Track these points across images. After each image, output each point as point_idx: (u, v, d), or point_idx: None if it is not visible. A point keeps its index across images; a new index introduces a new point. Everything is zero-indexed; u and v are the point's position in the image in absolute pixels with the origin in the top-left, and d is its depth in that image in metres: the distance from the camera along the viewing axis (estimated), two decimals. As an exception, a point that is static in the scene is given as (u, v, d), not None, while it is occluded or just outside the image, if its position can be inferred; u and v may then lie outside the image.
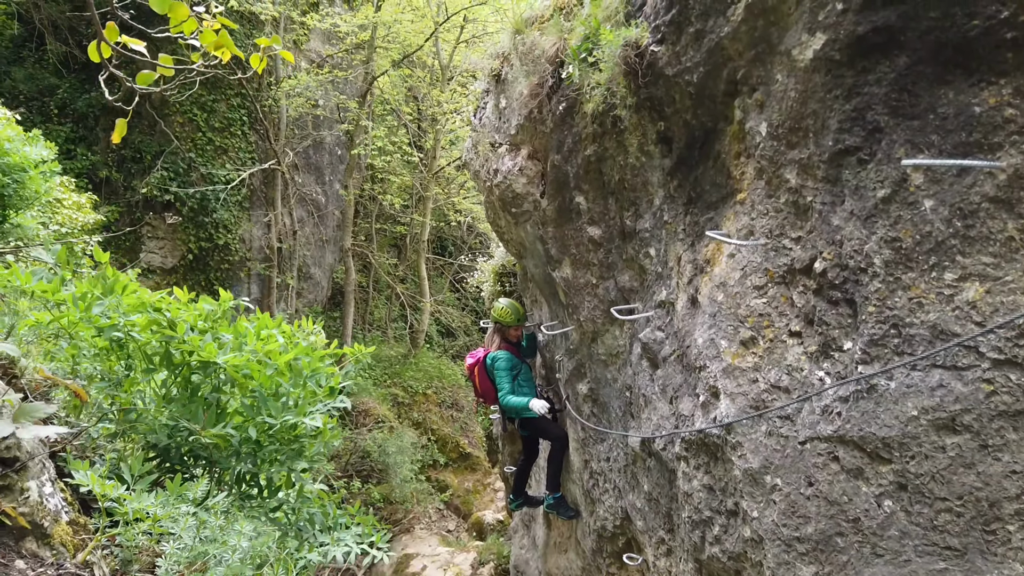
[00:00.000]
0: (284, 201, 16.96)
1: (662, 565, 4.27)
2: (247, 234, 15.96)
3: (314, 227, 18.94)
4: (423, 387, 19.42)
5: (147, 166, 14.12)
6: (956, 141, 2.18)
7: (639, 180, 4.05)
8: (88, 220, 7.55)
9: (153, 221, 14.27)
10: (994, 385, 2.15)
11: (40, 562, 2.19)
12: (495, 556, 12.77)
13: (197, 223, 14.60)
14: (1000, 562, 2.20)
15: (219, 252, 15.10)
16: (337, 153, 19.81)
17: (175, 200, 14.24)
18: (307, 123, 17.76)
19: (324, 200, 19.32)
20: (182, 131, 14.61)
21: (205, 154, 14.91)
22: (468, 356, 6.89)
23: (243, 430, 2.82)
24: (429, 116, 18.60)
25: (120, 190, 13.99)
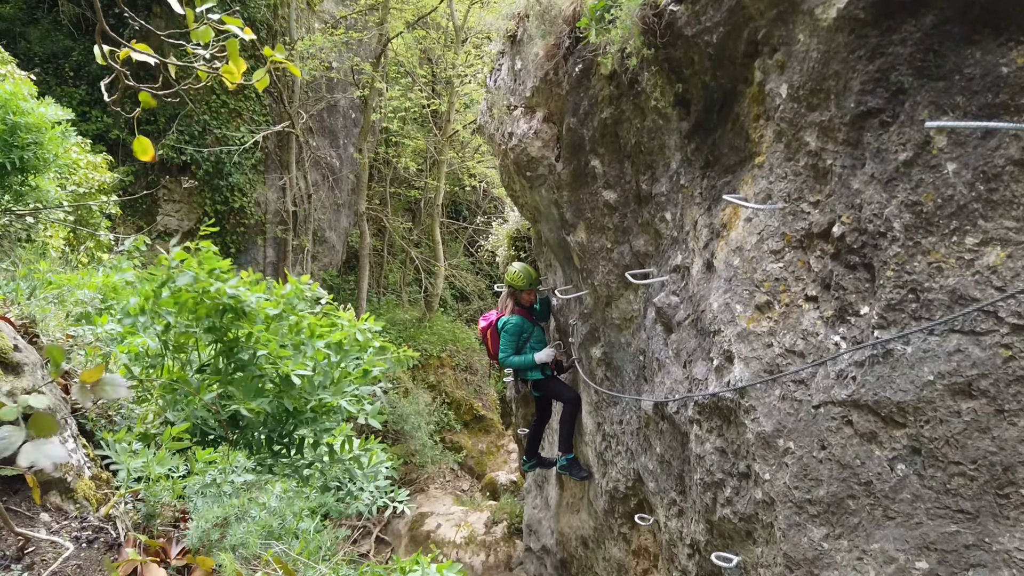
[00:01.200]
0: (299, 164, 16.94)
1: (673, 526, 4.33)
2: (262, 198, 15.99)
3: (328, 191, 18.94)
4: (437, 350, 19.57)
5: (161, 128, 14.11)
6: (982, 103, 2.14)
7: (656, 143, 4.01)
8: (104, 180, 7.58)
9: (169, 184, 14.32)
10: (1012, 350, 2.14)
11: (64, 515, 2.25)
12: (508, 515, 12.97)
13: (213, 186, 14.64)
14: (1012, 525, 2.21)
15: (235, 215, 15.15)
16: (351, 116, 19.70)
17: (190, 163, 14.26)
18: (321, 86, 17.64)
19: (338, 164, 19.28)
20: (196, 93, 14.54)
21: (219, 116, 14.87)
22: (481, 319, 6.95)
23: (278, 403, 2.88)
24: (443, 79, 18.42)
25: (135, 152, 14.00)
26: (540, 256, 7.47)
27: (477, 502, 14.96)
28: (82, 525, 2.25)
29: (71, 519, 2.25)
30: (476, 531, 13.02)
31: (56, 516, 2.23)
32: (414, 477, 15.50)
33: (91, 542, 2.21)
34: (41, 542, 2.09)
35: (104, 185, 7.65)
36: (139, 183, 13.79)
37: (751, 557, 3.34)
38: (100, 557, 2.16)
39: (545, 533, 8.34)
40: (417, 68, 18.28)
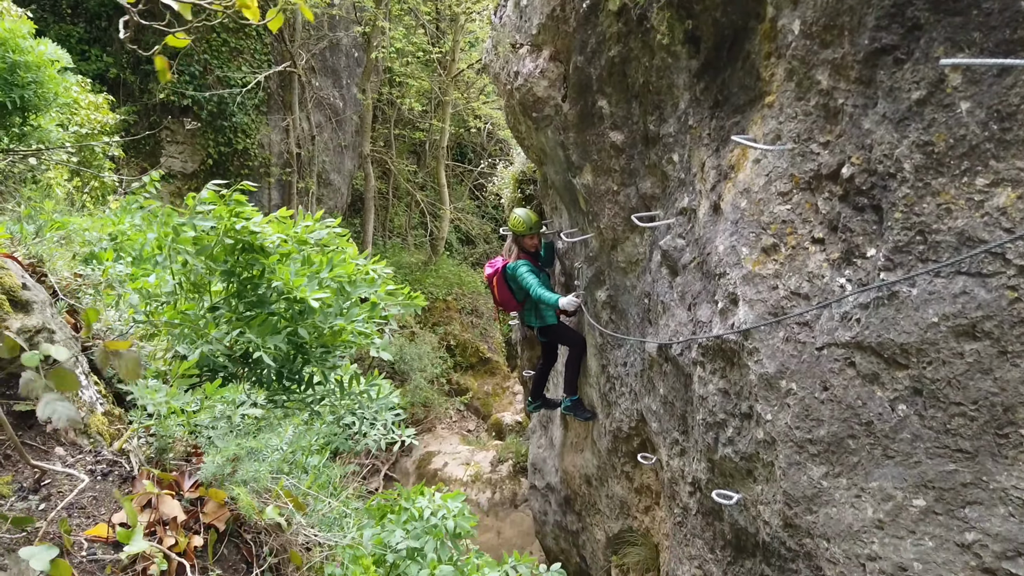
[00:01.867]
0: (301, 105, 16.72)
1: (675, 465, 4.41)
2: (266, 139, 15.83)
3: (332, 132, 18.73)
4: (443, 293, 19.66)
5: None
6: (999, 39, 2.08)
7: (664, 83, 3.94)
8: (107, 121, 7.51)
9: (172, 125, 14.17)
10: (1019, 292, 2.14)
11: (78, 449, 2.31)
12: (513, 455, 13.24)
13: (216, 127, 14.49)
14: (1011, 464, 2.25)
15: (239, 157, 15.03)
16: (354, 56, 19.34)
17: (193, 104, 14.09)
18: (323, 23, 17.27)
19: (342, 105, 19.01)
20: (196, 31, 14.28)
21: (220, 56, 14.62)
22: (487, 265, 6.91)
23: (292, 335, 2.91)
24: (448, 16, 18.00)
25: (136, 93, 13.83)
26: (546, 199, 7.43)
27: (483, 442, 15.24)
28: (96, 459, 2.31)
29: (85, 453, 2.31)
30: (482, 469, 13.31)
31: (71, 450, 2.28)
32: (421, 418, 15.76)
33: (106, 475, 2.27)
34: (57, 474, 2.15)
35: (106, 126, 7.58)
36: (141, 124, 13.65)
37: (751, 495, 3.41)
38: (115, 489, 2.22)
39: (550, 472, 8.51)
40: (421, 4, 17.83)
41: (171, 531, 2.10)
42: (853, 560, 2.73)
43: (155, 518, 2.12)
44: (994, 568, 2.29)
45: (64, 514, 2.04)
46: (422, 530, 2.26)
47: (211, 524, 2.22)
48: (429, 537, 2.21)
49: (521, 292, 6.49)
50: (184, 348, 2.91)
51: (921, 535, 2.49)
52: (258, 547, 2.28)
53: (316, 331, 2.97)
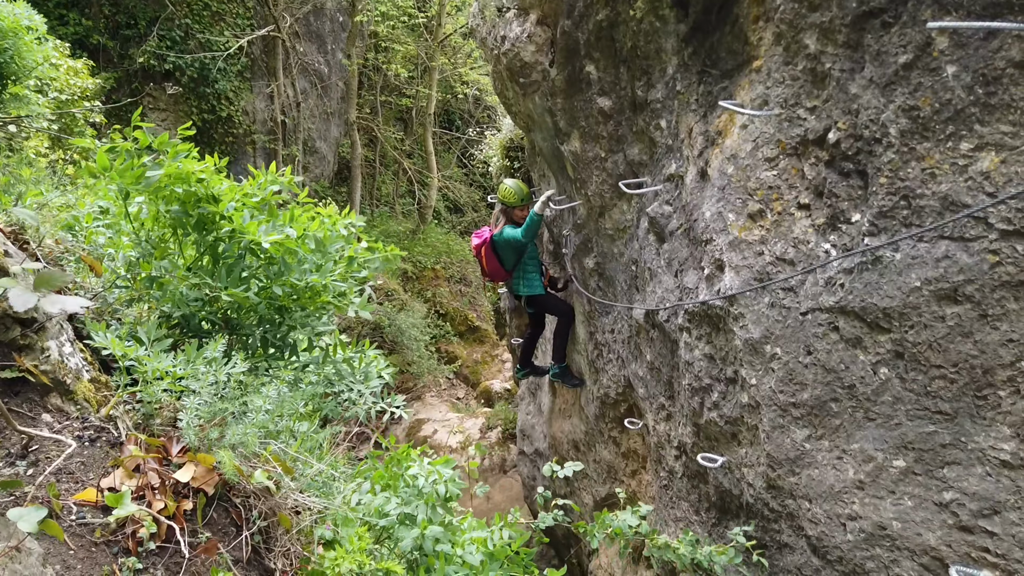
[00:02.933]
0: (286, 71, 16.48)
1: (662, 429, 4.46)
2: (250, 106, 15.63)
3: (318, 99, 18.50)
4: (432, 262, 19.63)
5: (142, 33, 13.62)
6: (986, 2, 2.07)
7: (652, 47, 3.90)
8: (87, 86, 7.37)
9: (153, 92, 13.94)
10: (999, 256, 2.16)
11: (66, 416, 2.31)
12: (502, 421, 13.36)
13: (198, 94, 14.27)
14: (988, 425, 2.29)
15: (223, 124, 14.84)
16: (339, 20, 19.03)
17: (174, 70, 13.85)
18: (307, -13, 16.95)
19: (327, 71, 18.76)
20: (176, -6, 13.99)
21: (202, 20, 14.35)
22: (474, 235, 6.83)
23: (266, 293, 2.89)
24: (434, -21, 17.71)
25: (115, 58, 13.58)
26: (534, 166, 7.39)
27: (472, 409, 15.36)
28: (84, 425, 2.32)
29: (72, 420, 2.32)
30: (472, 436, 13.43)
31: (57, 417, 2.28)
32: (411, 386, 15.84)
33: (93, 441, 2.28)
34: (44, 440, 2.15)
35: (86, 91, 7.45)
36: (122, 90, 13.43)
37: (735, 457, 3.46)
38: (103, 455, 2.23)
39: (538, 437, 8.60)
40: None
41: (160, 495, 2.12)
42: (834, 520, 2.79)
43: (144, 482, 2.13)
44: (971, 526, 2.35)
45: (52, 479, 2.04)
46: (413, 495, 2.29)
47: (200, 488, 2.23)
48: (420, 503, 2.24)
49: (510, 260, 6.44)
50: (168, 307, 2.90)
51: (900, 495, 2.55)
52: (247, 511, 2.30)
53: (293, 290, 2.94)
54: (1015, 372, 2.19)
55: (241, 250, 2.94)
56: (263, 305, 2.93)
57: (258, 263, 2.94)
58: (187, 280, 2.86)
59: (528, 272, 6.47)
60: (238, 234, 2.87)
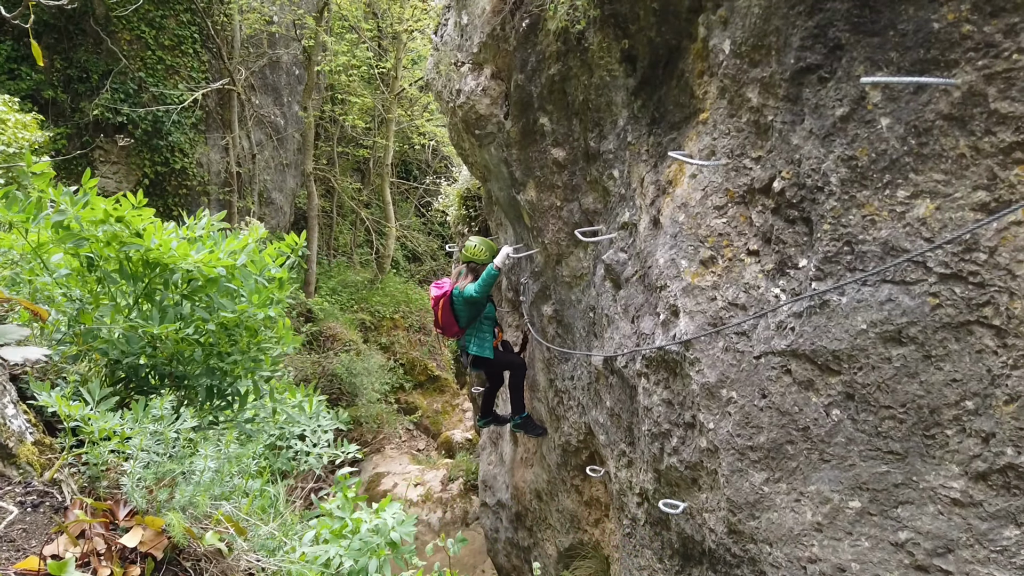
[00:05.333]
0: (241, 123, 16.45)
1: (623, 476, 4.45)
2: (204, 158, 15.52)
3: (274, 150, 18.48)
4: (390, 312, 19.50)
5: (95, 86, 13.51)
6: (914, 58, 2.20)
7: (603, 100, 4.02)
8: (36, 139, 7.25)
9: (105, 144, 13.77)
10: (939, 298, 2.24)
11: (7, 481, 2.21)
12: (464, 472, 13.16)
13: (151, 146, 14.12)
14: (938, 464, 2.34)
15: (176, 176, 14.68)
16: (295, 73, 19.16)
17: (127, 122, 13.72)
18: (262, 41, 17.08)
19: (283, 122, 18.79)
20: (130, 49, 13.95)
21: (156, 73, 14.30)
22: (433, 286, 6.66)
23: (202, 331, 2.83)
24: (389, 34, 18.00)
25: (67, 112, 13.42)
26: (491, 215, 7.46)
27: (433, 460, 15.11)
28: (26, 490, 2.22)
29: (14, 484, 2.22)
30: (433, 488, 13.18)
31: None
32: (369, 438, 15.54)
33: (36, 506, 2.18)
34: (-17, 509, 2.05)
35: (35, 144, 7.32)
36: (73, 144, 13.25)
37: (697, 503, 3.47)
38: (46, 520, 2.13)
39: (500, 488, 8.49)
40: (362, 22, 17.79)
41: (106, 561, 2.03)
42: (795, 563, 2.80)
43: (89, 548, 2.04)
44: (926, 565, 2.38)
45: (-10, 549, 1.95)
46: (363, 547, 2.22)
47: (148, 552, 2.15)
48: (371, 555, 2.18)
49: (465, 318, 6.32)
50: (115, 354, 2.82)
51: (857, 536, 2.57)
52: (198, 575, 2.22)
53: (225, 327, 2.89)
54: (960, 411, 2.26)
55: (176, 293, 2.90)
56: (200, 351, 2.87)
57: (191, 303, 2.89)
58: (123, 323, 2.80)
59: (482, 332, 6.34)
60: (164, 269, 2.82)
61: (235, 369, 2.97)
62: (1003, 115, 2.04)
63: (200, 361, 2.90)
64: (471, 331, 6.37)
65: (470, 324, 6.33)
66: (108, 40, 13.44)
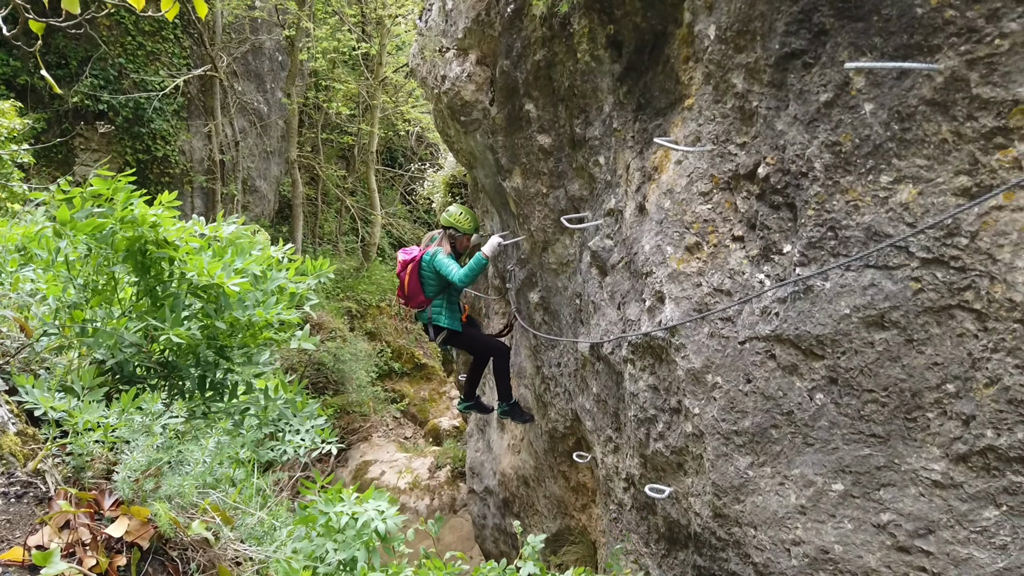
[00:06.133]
0: (224, 110, 16.29)
1: (610, 462, 4.48)
2: (187, 145, 15.36)
3: (257, 138, 18.31)
4: (376, 300, 19.45)
5: (74, 72, 13.31)
6: (898, 43, 2.20)
7: (589, 86, 4.01)
8: (15, 127, 7.14)
9: (85, 132, 13.59)
10: (921, 283, 2.26)
11: (-10, 472, 2.20)
12: (451, 460, 13.19)
13: (133, 134, 13.96)
14: (919, 447, 2.37)
15: (158, 164, 14.53)
16: (278, 59, 18.96)
17: (107, 109, 13.55)
18: (244, 27, 16.88)
19: (267, 109, 18.61)
20: (109, 35, 13.75)
21: (136, 60, 14.11)
22: (401, 251, 6.30)
23: (208, 332, 2.81)
24: (373, 19, 17.84)
25: (46, 98, 13.22)
26: (476, 202, 7.45)
27: (420, 448, 15.13)
28: (9, 481, 2.20)
29: (-3, 476, 2.20)
30: (420, 476, 13.21)
31: (-20, 474, 2.17)
32: (357, 426, 15.53)
33: (20, 497, 2.16)
34: (-35, 500, 2.04)
35: (14, 132, 7.22)
36: (53, 131, 13.06)
37: (682, 487, 3.50)
38: (30, 511, 2.12)
39: (488, 475, 8.52)
40: (345, 7, 17.61)
41: (91, 551, 2.02)
42: (779, 546, 2.84)
43: (74, 538, 2.03)
44: (908, 546, 2.42)
45: (-27, 541, 1.93)
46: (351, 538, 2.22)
47: (134, 542, 2.14)
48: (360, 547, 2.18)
49: (432, 287, 6.03)
50: (101, 353, 2.80)
51: (840, 518, 2.61)
52: (185, 564, 2.21)
53: (233, 327, 2.88)
54: (941, 394, 2.29)
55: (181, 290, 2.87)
56: (203, 346, 2.85)
57: (200, 303, 2.87)
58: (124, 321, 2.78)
59: (451, 304, 6.12)
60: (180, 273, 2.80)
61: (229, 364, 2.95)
62: (985, 100, 2.05)
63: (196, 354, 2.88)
64: (439, 302, 6.10)
65: (437, 295, 6.06)
66: (87, 25, 13.21)
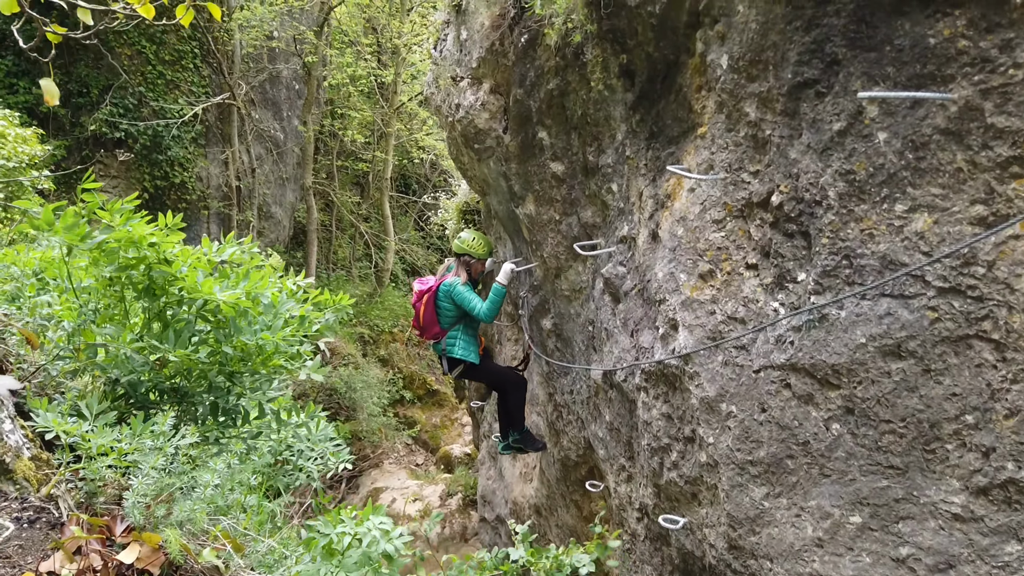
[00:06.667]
0: (241, 138, 16.51)
1: (623, 491, 4.43)
2: (204, 172, 15.56)
3: (273, 165, 18.53)
4: (389, 325, 19.49)
5: (94, 101, 13.57)
6: (911, 73, 2.21)
7: (601, 115, 4.03)
8: (36, 153, 7.27)
9: (104, 159, 13.81)
10: (938, 312, 2.24)
11: (4, 496, 2.20)
12: (463, 487, 13.09)
13: (151, 161, 14.17)
14: (938, 479, 2.33)
15: (176, 191, 14.71)
16: (295, 88, 19.25)
17: (126, 137, 13.77)
18: (262, 56, 17.17)
19: (283, 137, 18.86)
20: (130, 64, 14.02)
21: (156, 88, 14.36)
22: (417, 281, 6.23)
23: (216, 358, 2.82)
24: (389, 49, 18.10)
25: (67, 126, 13.47)
26: (490, 229, 7.47)
27: (432, 475, 15.04)
28: (23, 506, 2.20)
29: (11, 500, 2.20)
30: (431, 504, 13.11)
31: (-6, 498, 2.18)
32: (368, 453, 15.48)
33: (32, 522, 2.17)
34: (-21, 525, 2.04)
35: (35, 159, 7.35)
36: (72, 158, 13.28)
37: (697, 518, 3.45)
38: (43, 536, 2.12)
39: (499, 503, 8.44)
40: (362, 37, 17.90)
41: (101, 579, 2.01)
42: (796, 579, 2.78)
43: (85, 565, 2.02)
44: (928, 580, 2.37)
45: (-14, 566, 1.93)
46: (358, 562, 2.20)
47: (145, 569, 2.13)
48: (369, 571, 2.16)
49: (448, 318, 5.95)
50: (115, 374, 2.81)
51: (859, 551, 2.56)
52: (195, 592, 2.20)
53: (243, 352, 2.88)
54: (960, 425, 2.25)
55: (191, 314, 2.89)
56: (214, 371, 2.86)
57: (208, 327, 2.88)
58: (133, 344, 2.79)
59: (468, 335, 6.01)
60: (188, 297, 2.82)
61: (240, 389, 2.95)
62: (1000, 129, 2.05)
63: (207, 378, 2.89)
64: (454, 333, 6.00)
65: (452, 327, 5.98)
66: (108, 55, 13.50)
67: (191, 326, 2.88)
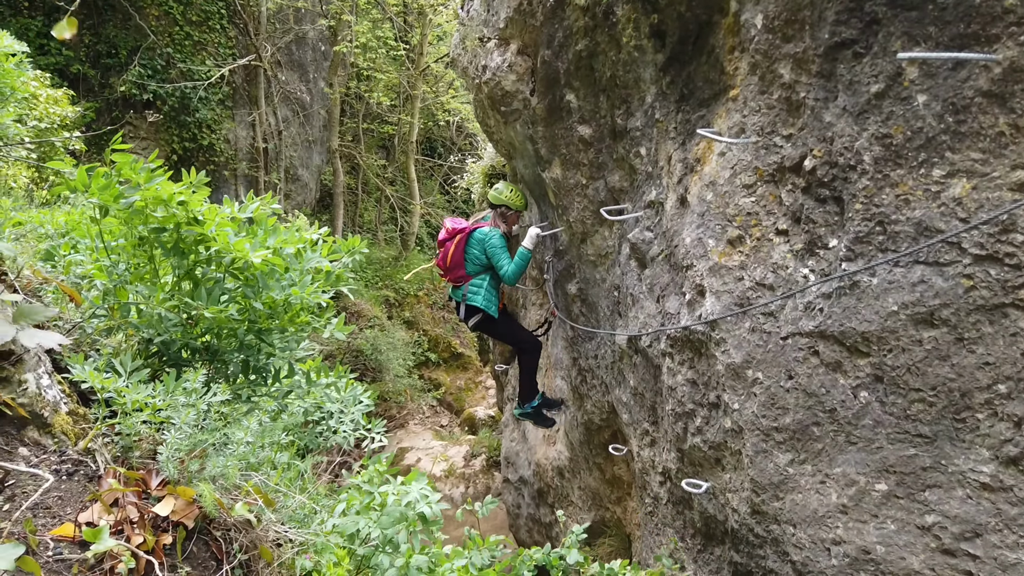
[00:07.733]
0: (268, 100, 16.54)
1: (646, 455, 4.46)
2: (231, 134, 15.64)
3: (300, 127, 18.56)
4: (414, 289, 19.61)
5: (123, 62, 13.64)
6: (953, 33, 2.13)
7: (631, 76, 3.97)
8: (67, 114, 7.34)
9: (134, 120, 13.93)
10: (974, 280, 2.20)
11: (43, 449, 2.27)
12: (486, 449, 13.27)
13: (179, 122, 14.27)
14: (968, 448, 2.31)
15: (204, 152, 14.83)
16: (321, 49, 19.16)
17: (155, 98, 13.86)
18: (288, 17, 17.09)
19: (309, 99, 18.84)
20: (158, 25, 14.04)
21: (183, 49, 14.39)
22: (449, 220, 6.08)
23: (246, 315, 2.86)
24: (415, 9, 17.90)
25: (96, 87, 13.58)
26: (515, 193, 7.43)
27: (456, 436, 15.25)
28: (61, 459, 2.28)
29: (50, 453, 2.28)
30: (455, 464, 13.32)
31: (35, 450, 2.24)
32: (393, 413, 15.72)
33: (71, 475, 2.24)
34: (21, 475, 2.11)
35: (66, 120, 7.43)
36: (102, 119, 13.41)
37: (720, 483, 3.46)
38: (81, 489, 2.19)
39: (522, 465, 8.55)
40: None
41: (139, 529, 2.08)
42: (818, 545, 2.79)
43: (122, 516, 2.09)
44: (953, 549, 2.36)
45: (29, 514, 2.00)
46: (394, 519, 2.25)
47: (180, 521, 2.20)
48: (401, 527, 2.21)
49: (476, 266, 5.87)
50: (148, 333, 2.86)
51: (883, 519, 2.56)
52: (228, 544, 2.27)
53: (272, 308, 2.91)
54: (992, 395, 2.22)
55: (221, 271, 2.92)
56: (243, 328, 2.90)
57: (237, 284, 2.92)
58: (166, 303, 2.84)
59: (492, 286, 5.91)
60: (218, 255, 2.85)
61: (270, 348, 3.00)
62: (1046, 92, 1.98)
63: (237, 337, 2.93)
64: (479, 282, 5.92)
65: (477, 275, 5.91)
66: (136, 16, 13.53)
67: (220, 284, 2.91)
